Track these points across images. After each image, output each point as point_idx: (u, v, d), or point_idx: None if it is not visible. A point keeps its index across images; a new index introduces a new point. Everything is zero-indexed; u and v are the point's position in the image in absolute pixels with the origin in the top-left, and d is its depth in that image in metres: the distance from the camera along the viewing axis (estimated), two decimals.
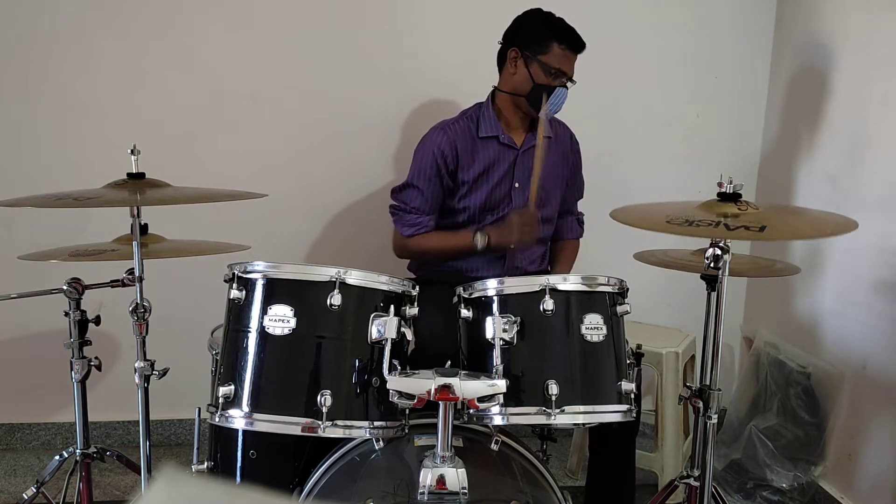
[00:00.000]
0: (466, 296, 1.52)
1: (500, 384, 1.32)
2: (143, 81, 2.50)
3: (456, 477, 1.28)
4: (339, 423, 1.35)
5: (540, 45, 1.98)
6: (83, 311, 1.79)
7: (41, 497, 1.88)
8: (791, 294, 2.60)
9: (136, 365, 1.62)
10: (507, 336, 1.40)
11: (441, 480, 1.28)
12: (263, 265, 1.40)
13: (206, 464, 1.69)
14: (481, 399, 1.32)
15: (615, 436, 1.91)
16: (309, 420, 1.33)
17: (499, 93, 2.10)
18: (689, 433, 2.48)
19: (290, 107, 2.60)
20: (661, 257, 1.93)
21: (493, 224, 2.07)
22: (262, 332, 1.37)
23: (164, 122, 2.52)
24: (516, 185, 2.09)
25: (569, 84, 2.02)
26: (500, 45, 2.08)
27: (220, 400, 1.36)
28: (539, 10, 2.06)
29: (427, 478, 1.28)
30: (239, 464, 1.76)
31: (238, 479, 1.77)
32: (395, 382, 1.32)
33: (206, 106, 2.56)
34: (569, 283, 1.45)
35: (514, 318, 1.41)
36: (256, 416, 1.36)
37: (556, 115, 2.19)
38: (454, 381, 1.29)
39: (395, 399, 1.32)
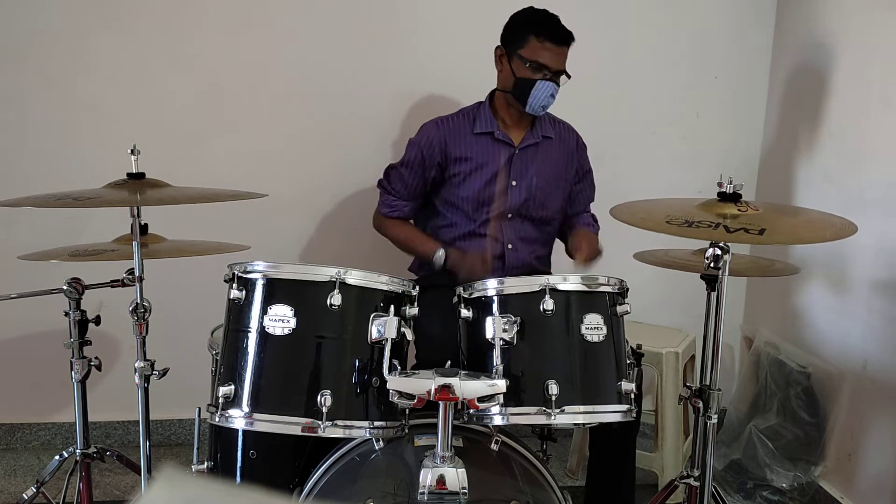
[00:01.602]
0: (466, 296, 1.52)
1: (500, 384, 1.32)
2: (142, 81, 2.50)
3: (456, 477, 1.28)
4: (339, 423, 1.35)
5: (518, 40, 1.99)
6: (83, 311, 1.79)
7: (41, 497, 1.88)
8: (791, 294, 2.60)
9: (136, 365, 1.62)
10: (507, 336, 1.40)
11: (441, 480, 1.28)
12: (263, 265, 1.40)
13: (206, 464, 1.69)
14: (481, 399, 1.32)
15: (615, 436, 1.92)
16: (309, 420, 1.33)
17: (496, 92, 2.11)
18: (689, 433, 2.47)
19: (290, 107, 2.60)
20: (661, 257, 1.93)
21: (459, 248, 2.06)
22: (262, 332, 1.37)
23: (164, 122, 2.52)
24: (513, 182, 2.09)
25: (563, 79, 2.01)
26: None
27: (220, 400, 1.36)
28: (530, 7, 2.06)
29: (427, 478, 1.28)
30: (239, 464, 1.76)
31: (238, 479, 1.77)
32: (395, 382, 1.32)
33: (206, 106, 2.56)
34: (569, 283, 1.45)
35: (514, 318, 1.41)
36: (256, 416, 1.36)
37: (563, 119, 2.19)
38: (454, 381, 1.29)
39: (395, 399, 1.32)
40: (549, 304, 1.41)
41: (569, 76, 2.02)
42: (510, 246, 2.11)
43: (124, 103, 2.50)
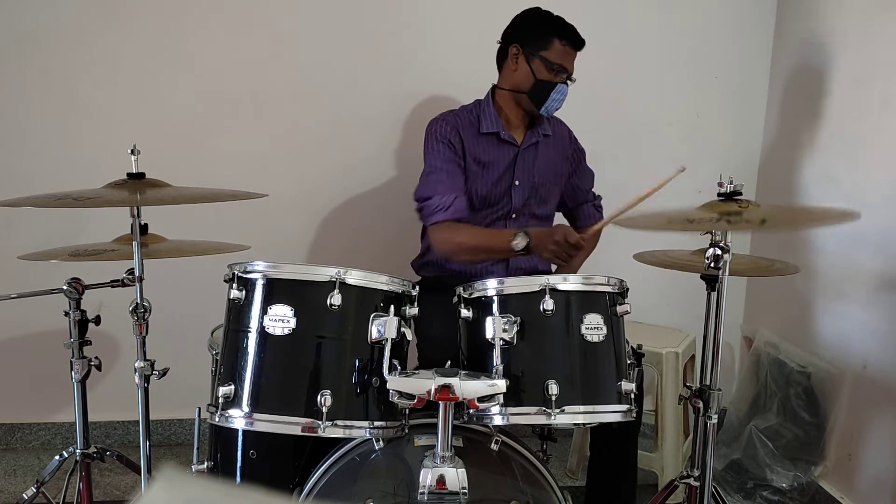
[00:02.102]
0: (466, 296, 1.52)
1: (500, 384, 1.32)
2: (143, 82, 2.50)
3: (456, 477, 1.28)
4: (339, 423, 1.35)
5: (541, 42, 1.99)
6: (83, 311, 1.79)
7: (41, 497, 1.88)
8: (791, 294, 2.60)
9: (136, 365, 1.62)
10: (507, 336, 1.40)
11: (441, 480, 1.28)
12: (263, 265, 1.40)
13: (206, 464, 1.68)
14: (481, 399, 1.32)
15: (615, 436, 1.92)
16: (309, 420, 1.33)
17: (499, 90, 2.10)
18: (689, 433, 2.47)
19: (290, 107, 2.60)
20: (661, 257, 1.93)
21: (538, 229, 1.95)
22: (262, 332, 1.36)
23: (164, 122, 2.52)
24: (516, 182, 2.09)
25: (568, 82, 2.03)
26: (499, 44, 2.08)
27: (220, 400, 1.35)
28: (538, 8, 2.06)
29: (427, 478, 1.28)
30: (239, 464, 1.76)
31: (238, 479, 1.77)
32: (395, 382, 1.32)
33: (207, 106, 2.56)
34: (569, 283, 1.45)
35: (514, 318, 1.41)
36: (256, 416, 1.35)
37: (562, 118, 2.20)
38: (454, 381, 1.29)
39: (395, 399, 1.32)
40: (549, 304, 1.41)
41: (574, 79, 2.04)
42: (544, 256, 2.09)
43: (124, 103, 2.50)
